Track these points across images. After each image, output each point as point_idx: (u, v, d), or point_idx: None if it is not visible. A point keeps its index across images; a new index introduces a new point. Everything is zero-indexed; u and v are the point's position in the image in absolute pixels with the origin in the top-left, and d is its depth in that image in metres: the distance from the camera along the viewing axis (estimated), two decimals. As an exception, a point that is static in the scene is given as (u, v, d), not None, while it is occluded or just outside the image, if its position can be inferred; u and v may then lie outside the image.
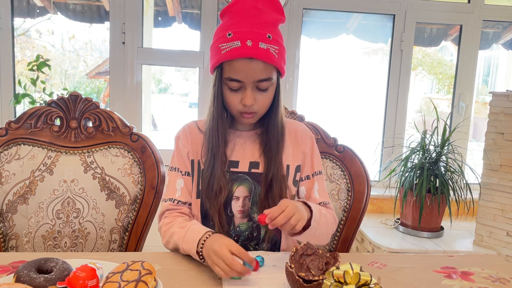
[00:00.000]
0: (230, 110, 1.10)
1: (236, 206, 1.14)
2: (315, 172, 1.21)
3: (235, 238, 1.15)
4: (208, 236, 0.99)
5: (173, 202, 1.16)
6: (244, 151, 1.15)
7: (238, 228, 1.15)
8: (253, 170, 1.14)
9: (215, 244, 0.95)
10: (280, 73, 1.09)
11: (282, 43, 1.08)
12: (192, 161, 1.17)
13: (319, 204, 1.19)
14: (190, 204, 1.18)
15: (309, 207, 1.06)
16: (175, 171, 1.18)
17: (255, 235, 1.16)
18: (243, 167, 1.14)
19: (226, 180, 1.11)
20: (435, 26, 3.01)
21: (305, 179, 1.20)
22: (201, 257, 0.98)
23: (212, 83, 1.09)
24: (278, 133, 1.13)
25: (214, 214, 1.10)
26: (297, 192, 1.21)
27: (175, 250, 1.09)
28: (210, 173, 1.10)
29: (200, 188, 1.14)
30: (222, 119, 1.10)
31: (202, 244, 0.98)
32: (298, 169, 1.19)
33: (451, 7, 2.78)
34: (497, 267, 1.09)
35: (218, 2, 2.58)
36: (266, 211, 0.96)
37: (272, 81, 1.06)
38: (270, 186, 1.10)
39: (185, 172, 1.18)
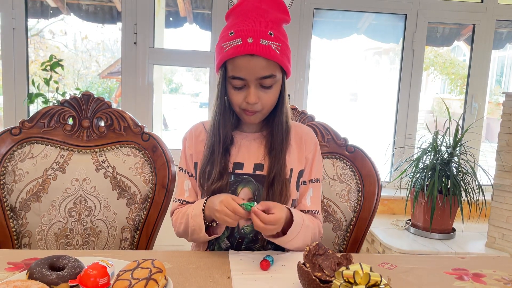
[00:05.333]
0: (233, 107, 1.10)
1: None
2: (312, 179, 1.20)
3: (240, 241, 1.15)
4: (207, 199, 1.09)
5: (181, 203, 1.20)
6: (249, 153, 1.15)
7: (242, 231, 1.14)
8: (257, 172, 1.13)
9: (216, 200, 1.03)
10: (285, 73, 1.09)
11: (286, 41, 1.08)
12: (196, 164, 1.18)
13: (308, 212, 1.18)
14: None
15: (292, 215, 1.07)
16: (182, 172, 1.21)
17: (259, 237, 1.15)
18: (248, 169, 1.14)
19: (226, 177, 1.11)
20: (448, 25, 2.98)
21: (301, 184, 1.19)
22: (204, 216, 1.06)
23: (217, 82, 1.10)
24: (283, 132, 1.13)
25: None
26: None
27: (186, 230, 1.12)
28: (208, 169, 1.12)
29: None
30: (225, 118, 1.11)
31: (205, 202, 1.07)
32: (301, 174, 1.18)
33: (463, 6, 2.75)
34: (509, 269, 1.08)
35: (228, 3, 2.59)
36: (259, 207, 1.00)
37: (275, 78, 1.06)
38: (271, 186, 1.10)
39: (190, 174, 1.19)
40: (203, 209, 1.07)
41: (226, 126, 1.12)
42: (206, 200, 1.08)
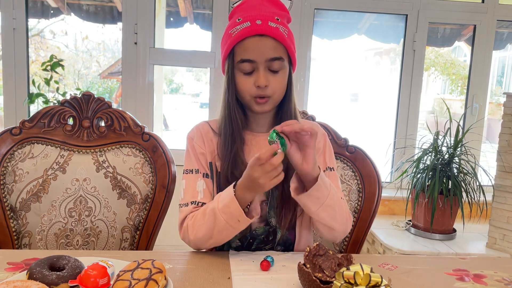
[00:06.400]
0: (243, 96, 1.08)
1: None
2: (328, 167, 1.17)
3: (251, 241, 1.14)
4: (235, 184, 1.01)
5: (197, 204, 1.09)
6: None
7: (254, 232, 1.13)
8: None
9: (247, 175, 0.97)
10: (291, 64, 1.09)
11: (291, 33, 1.09)
12: (210, 164, 1.13)
13: None
14: None
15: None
16: (193, 173, 1.13)
17: (270, 238, 1.14)
18: None
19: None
20: (449, 26, 2.98)
21: None
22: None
23: (225, 72, 1.09)
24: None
25: None
26: None
27: (210, 230, 1.02)
28: (229, 162, 1.08)
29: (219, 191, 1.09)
30: (238, 105, 1.09)
31: (234, 188, 1.00)
32: None
33: (464, 7, 2.75)
34: (510, 269, 1.08)
35: (229, 3, 2.59)
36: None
37: (284, 63, 1.06)
38: (285, 181, 1.04)
39: (204, 173, 1.13)
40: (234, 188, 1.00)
41: (240, 113, 1.10)
42: (234, 185, 1.00)
